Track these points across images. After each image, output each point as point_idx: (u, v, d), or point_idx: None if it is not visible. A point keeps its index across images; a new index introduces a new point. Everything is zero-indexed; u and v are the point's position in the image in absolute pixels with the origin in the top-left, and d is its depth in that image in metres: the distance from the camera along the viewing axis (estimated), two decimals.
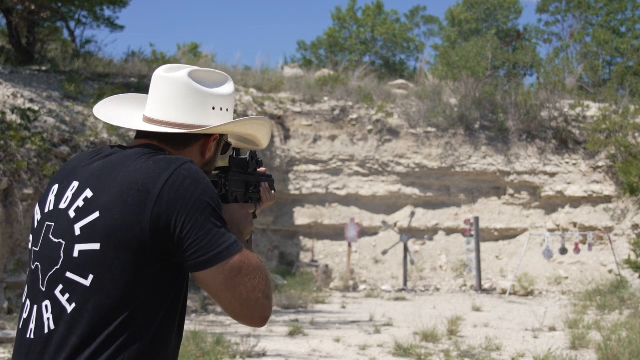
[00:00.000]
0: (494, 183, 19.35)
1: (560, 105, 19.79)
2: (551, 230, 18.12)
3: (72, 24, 19.67)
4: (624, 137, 18.13)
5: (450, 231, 19.03)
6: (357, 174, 19.39)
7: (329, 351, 8.16)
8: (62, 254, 1.59)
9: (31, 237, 1.72)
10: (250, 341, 7.81)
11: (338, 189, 19.19)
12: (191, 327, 8.33)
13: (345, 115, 19.88)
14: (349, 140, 19.56)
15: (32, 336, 1.60)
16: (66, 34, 20.21)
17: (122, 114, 1.85)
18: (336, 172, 19.34)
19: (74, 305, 1.56)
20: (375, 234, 19.15)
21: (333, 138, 19.59)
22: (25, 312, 1.64)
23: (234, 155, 1.93)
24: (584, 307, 13.12)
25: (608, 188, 18.34)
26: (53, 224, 1.64)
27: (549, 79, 21.72)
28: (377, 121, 19.67)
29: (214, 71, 1.84)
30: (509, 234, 18.95)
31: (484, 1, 28.96)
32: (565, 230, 18.10)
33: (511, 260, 18.23)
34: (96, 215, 1.57)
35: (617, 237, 17.56)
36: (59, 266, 1.60)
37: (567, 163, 19.03)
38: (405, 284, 17.31)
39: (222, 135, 1.85)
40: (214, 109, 1.78)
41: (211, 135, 1.79)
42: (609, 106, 19.35)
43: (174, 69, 1.78)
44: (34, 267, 1.66)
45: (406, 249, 17.62)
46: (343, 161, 19.40)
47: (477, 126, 19.71)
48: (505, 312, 12.69)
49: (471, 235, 17.26)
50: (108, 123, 1.87)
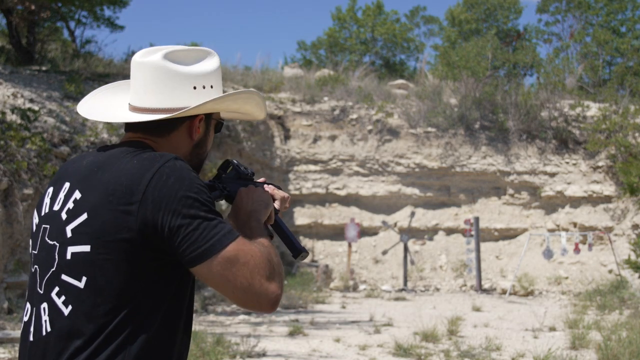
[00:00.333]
0: (494, 183, 19.35)
1: (560, 105, 19.79)
2: (551, 230, 18.12)
3: (72, 24, 19.67)
4: (624, 137, 18.13)
5: (450, 231, 19.03)
6: (357, 174, 19.39)
7: (329, 351, 8.16)
8: (57, 256, 1.59)
9: (31, 241, 1.72)
10: (250, 341, 7.81)
11: (338, 189, 19.19)
12: None
13: (345, 115, 19.88)
14: (349, 140, 19.56)
15: (32, 339, 1.60)
16: (66, 34, 20.21)
17: (109, 104, 1.81)
18: (336, 172, 19.34)
19: (70, 307, 1.55)
20: (375, 234, 19.15)
21: (333, 138, 19.60)
22: (26, 315, 1.64)
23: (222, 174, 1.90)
24: (584, 307, 13.12)
25: (608, 188, 18.34)
26: (48, 226, 1.63)
27: (549, 79, 21.72)
28: (377, 121, 19.67)
29: (194, 48, 1.76)
30: (509, 234, 18.95)
31: (484, 1, 28.96)
32: (565, 230, 18.09)
33: (511, 260, 18.23)
34: (84, 216, 1.57)
35: (617, 237, 17.56)
36: (54, 268, 1.59)
37: (567, 163, 19.03)
38: (405, 284, 17.31)
39: (210, 114, 1.79)
40: (195, 88, 1.71)
41: (196, 116, 1.73)
42: (609, 106, 19.35)
43: (150, 52, 1.73)
44: (33, 270, 1.66)
45: (406, 249, 17.62)
46: (343, 161, 19.40)
47: (477, 126, 19.71)
48: (505, 312, 12.69)
49: (471, 235, 17.26)
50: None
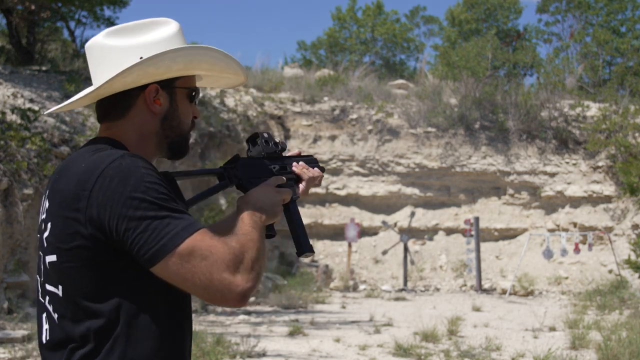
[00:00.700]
0: (494, 183, 19.35)
1: (560, 105, 19.79)
2: (551, 230, 18.12)
3: (72, 24, 19.66)
4: (624, 137, 18.13)
5: (450, 231, 19.03)
6: (357, 174, 19.39)
7: (329, 351, 8.16)
8: (42, 266, 1.61)
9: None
10: (250, 341, 7.81)
11: (338, 189, 19.19)
12: None
13: (345, 115, 19.88)
14: (349, 140, 19.56)
15: (39, 348, 1.64)
16: (66, 34, 20.20)
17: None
18: (336, 172, 19.34)
19: (56, 314, 1.56)
20: (375, 234, 19.15)
21: (333, 138, 19.60)
22: (38, 325, 1.67)
23: (249, 148, 1.82)
24: (584, 307, 13.12)
25: (608, 188, 18.35)
26: (39, 235, 1.65)
27: (549, 79, 21.71)
28: (377, 121, 19.67)
29: (146, 21, 1.68)
30: (509, 234, 18.95)
31: (484, 1, 28.96)
32: (565, 230, 18.10)
33: (511, 260, 18.23)
34: (49, 225, 1.56)
35: (617, 237, 17.56)
36: (42, 278, 1.61)
37: (567, 163, 19.03)
38: (405, 284, 17.31)
39: (172, 82, 1.67)
40: (141, 58, 1.60)
41: (147, 86, 1.63)
42: (609, 106, 19.35)
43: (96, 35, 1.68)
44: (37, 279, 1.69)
45: (406, 249, 17.62)
46: (343, 161, 19.40)
47: (477, 126, 19.71)
48: (505, 312, 12.69)
49: (471, 235, 17.26)
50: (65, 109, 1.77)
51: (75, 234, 1.50)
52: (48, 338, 1.58)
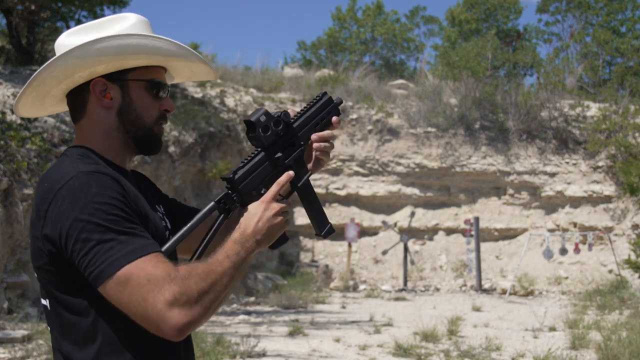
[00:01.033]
0: (494, 183, 19.35)
1: (560, 105, 19.79)
2: (551, 230, 18.12)
3: (72, 24, 19.67)
4: (624, 137, 18.13)
5: (450, 231, 19.03)
6: (357, 174, 19.39)
7: (329, 351, 8.16)
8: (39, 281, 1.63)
9: None
10: (250, 341, 7.81)
11: (338, 189, 19.19)
12: None
13: (345, 115, 19.88)
14: (349, 140, 19.56)
15: None
16: None
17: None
18: (336, 172, 19.34)
19: (49, 327, 1.60)
20: (375, 234, 19.15)
21: None
22: None
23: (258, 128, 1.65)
24: (584, 307, 13.12)
25: (608, 188, 18.35)
26: None
27: (549, 79, 21.71)
28: (377, 121, 19.67)
29: (107, 17, 1.65)
30: (509, 234, 18.94)
31: (484, 1, 28.96)
32: (565, 230, 18.10)
33: (511, 260, 18.22)
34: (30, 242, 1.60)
35: (617, 237, 17.56)
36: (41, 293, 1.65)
37: (567, 163, 19.03)
38: (405, 284, 17.31)
39: (123, 75, 1.62)
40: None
41: (89, 83, 1.61)
42: (609, 106, 19.35)
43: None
44: None
45: (406, 249, 17.62)
46: (343, 161, 19.40)
47: (477, 126, 19.71)
48: (505, 312, 12.69)
49: (471, 235, 17.26)
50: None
51: (40, 251, 1.52)
52: (52, 346, 1.61)
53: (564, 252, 16.21)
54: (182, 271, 1.44)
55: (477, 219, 17.45)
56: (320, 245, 18.77)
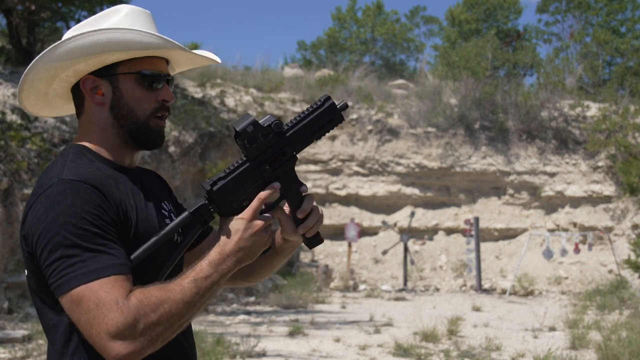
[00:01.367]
0: (494, 183, 19.35)
1: (560, 105, 19.79)
2: (551, 230, 18.12)
3: (72, 24, 19.68)
4: (624, 137, 18.13)
5: (450, 231, 19.03)
6: (357, 174, 19.39)
7: (329, 351, 8.16)
8: None
9: None
10: (250, 341, 7.81)
11: (338, 189, 19.19)
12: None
13: (345, 115, 19.87)
14: (349, 140, 19.56)
15: None
16: None
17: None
18: (336, 172, 19.34)
19: (41, 327, 1.60)
20: (375, 234, 19.15)
21: (333, 138, 19.60)
22: None
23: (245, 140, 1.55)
24: (584, 307, 13.12)
25: (608, 188, 18.35)
26: None
27: (549, 79, 21.72)
28: (377, 121, 19.67)
29: (102, 12, 1.63)
30: (509, 234, 18.95)
31: (484, 1, 28.97)
32: (565, 230, 18.10)
33: (511, 260, 18.23)
34: None
35: (617, 237, 17.57)
36: None
37: (567, 163, 19.03)
38: (405, 284, 17.31)
39: (110, 70, 1.60)
40: None
41: (79, 82, 1.61)
42: (609, 106, 19.36)
43: None
44: None
45: (406, 249, 17.62)
46: (343, 161, 19.40)
47: (477, 126, 19.71)
48: (505, 312, 12.69)
49: (471, 235, 17.26)
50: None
51: (23, 251, 1.52)
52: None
53: (564, 252, 16.21)
54: (133, 299, 1.38)
55: (477, 219, 17.45)
56: (320, 245, 18.77)
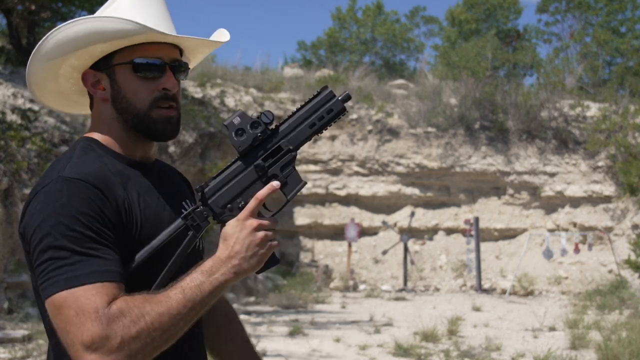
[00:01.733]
0: (494, 183, 19.35)
1: (560, 105, 19.79)
2: (551, 230, 18.13)
3: None
4: (624, 137, 18.14)
5: (450, 231, 19.04)
6: (357, 174, 19.39)
7: (329, 351, 8.16)
8: None
9: None
10: None
11: (338, 189, 19.19)
12: None
13: (345, 115, 19.88)
14: (349, 140, 19.55)
15: None
16: None
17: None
18: (336, 172, 19.34)
19: (44, 328, 1.57)
20: (375, 234, 19.15)
21: (333, 138, 19.60)
22: None
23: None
24: (583, 307, 13.12)
25: (608, 188, 18.35)
26: None
27: (549, 79, 21.73)
28: (377, 121, 19.67)
29: (105, 5, 1.59)
30: (509, 234, 18.95)
31: (484, 1, 28.98)
32: (565, 230, 18.10)
33: (511, 260, 18.23)
34: None
35: (617, 237, 17.57)
36: None
37: (567, 163, 19.03)
38: (405, 284, 17.31)
39: (107, 62, 1.54)
40: None
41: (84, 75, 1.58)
42: (608, 106, 19.36)
43: None
44: None
45: (406, 249, 17.62)
46: (343, 161, 19.40)
47: (477, 126, 19.71)
48: (505, 312, 12.69)
49: (471, 235, 17.27)
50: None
51: (24, 249, 1.49)
52: None
53: (564, 252, 16.22)
54: (114, 309, 1.32)
55: (477, 219, 17.45)
56: (320, 245, 18.77)
